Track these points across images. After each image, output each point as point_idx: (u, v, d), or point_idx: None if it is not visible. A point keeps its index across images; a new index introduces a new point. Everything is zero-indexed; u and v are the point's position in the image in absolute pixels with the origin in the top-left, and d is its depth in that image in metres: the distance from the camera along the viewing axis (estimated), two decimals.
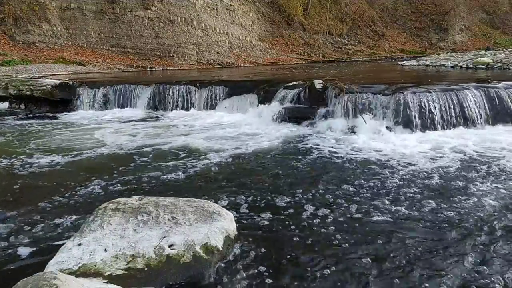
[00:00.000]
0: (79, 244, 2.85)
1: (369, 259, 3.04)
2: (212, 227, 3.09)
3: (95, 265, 2.67)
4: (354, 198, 4.29)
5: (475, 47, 34.58)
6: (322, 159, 5.90)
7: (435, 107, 7.33)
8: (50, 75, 15.74)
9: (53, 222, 3.79)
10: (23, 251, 3.25)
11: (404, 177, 4.93)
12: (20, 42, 20.78)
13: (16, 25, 20.98)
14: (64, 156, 6.24)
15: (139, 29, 23.04)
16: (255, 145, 6.77)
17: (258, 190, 4.59)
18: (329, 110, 8.11)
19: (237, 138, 7.40)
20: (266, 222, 3.71)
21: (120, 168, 5.53)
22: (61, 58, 20.58)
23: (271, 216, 3.85)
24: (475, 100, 7.50)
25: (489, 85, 7.98)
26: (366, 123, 7.34)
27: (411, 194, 4.35)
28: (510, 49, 24.20)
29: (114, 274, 2.62)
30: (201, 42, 24.26)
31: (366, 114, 7.55)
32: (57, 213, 3.99)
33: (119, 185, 4.84)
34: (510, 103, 7.57)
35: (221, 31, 25.44)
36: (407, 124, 7.19)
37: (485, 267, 2.91)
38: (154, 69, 21.76)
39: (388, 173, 5.07)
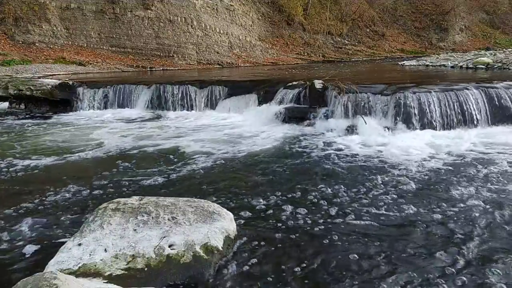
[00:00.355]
0: (79, 244, 2.85)
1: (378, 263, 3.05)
2: (212, 227, 3.09)
3: (95, 265, 2.67)
4: (355, 198, 4.28)
5: (475, 47, 34.63)
6: (322, 159, 5.90)
7: (435, 107, 7.33)
8: (50, 75, 15.75)
9: (53, 221, 3.79)
10: (23, 251, 3.25)
11: (403, 178, 4.92)
12: (20, 42, 20.79)
13: (16, 25, 20.99)
14: (63, 156, 6.24)
15: (139, 29, 23.05)
16: (255, 146, 6.77)
17: (257, 190, 4.59)
18: (329, 110, 8.10)
19: (237, 138, 7.40)
20: (265, 222, 3.71)
21: (120, 168, 5.53)
22: (61, 58, 20.59)
23: (271, 216, 3.85)
24: (475, 100, 7.49)
25: (490, 85, 7.97)
26: (366, 123, 7.34)
27: (411, 195, 4.35)
28: (510, 49, 24.21)
29: (114, 274, 2.62)
30: (201, 42, 24.27)
31: (366, 114, 7.55)
32: (57, 213, 3.99)
33: (118, 185, 4.84)
34: (510, 104, 7.56)
35: (221, 31, 25.45)
36: (407, 124, 7.18)
37: (469, 271, 2.91)
38: (154, 69, 21.77)
39: (386, 174, 5.07)
